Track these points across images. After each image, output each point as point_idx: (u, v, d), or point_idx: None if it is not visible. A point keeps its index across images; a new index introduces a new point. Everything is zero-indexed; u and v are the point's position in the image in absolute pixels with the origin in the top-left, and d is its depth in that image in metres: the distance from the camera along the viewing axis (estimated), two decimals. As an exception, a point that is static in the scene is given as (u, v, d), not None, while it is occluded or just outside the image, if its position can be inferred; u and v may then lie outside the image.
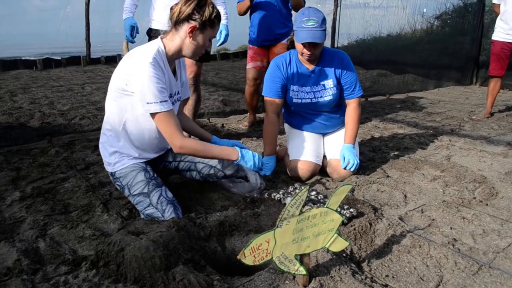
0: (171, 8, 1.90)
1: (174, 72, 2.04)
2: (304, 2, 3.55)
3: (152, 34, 3.06)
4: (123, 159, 1.97)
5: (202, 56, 2.08)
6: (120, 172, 1.96)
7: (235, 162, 2.00)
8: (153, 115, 1.81)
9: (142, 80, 1.75)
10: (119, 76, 1.86)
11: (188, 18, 1.85)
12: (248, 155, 2.01)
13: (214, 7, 1.88)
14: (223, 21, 2.97)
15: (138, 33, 3.17)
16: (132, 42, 3.14)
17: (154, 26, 3.06)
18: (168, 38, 1.92)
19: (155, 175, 1.99)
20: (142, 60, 1.78)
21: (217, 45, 3.17)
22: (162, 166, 2.22)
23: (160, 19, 3.02)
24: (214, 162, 2.14)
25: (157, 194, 1.89)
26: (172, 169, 2.24)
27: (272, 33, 3.54)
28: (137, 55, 1.84)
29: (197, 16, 1.84)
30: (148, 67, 1.76)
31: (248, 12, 3.65)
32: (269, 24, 3.51)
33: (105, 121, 1.99)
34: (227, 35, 3.12)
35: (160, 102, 1.78)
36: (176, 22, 1.88)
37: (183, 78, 2.19)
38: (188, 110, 3.20)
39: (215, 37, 1.98)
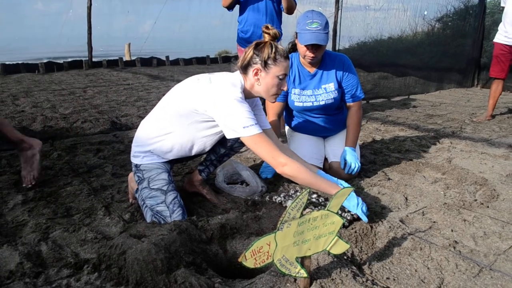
0: (245, 53, 1.94)
1: None
2: (296, 4, 3.54)
3: None
4: (153, 156, 2.02)
5: None
6: (146, 165, 2.00)
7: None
8: (250, 139, 1.81)
9: (233, 107, 1.79)
10: (196, 98, 1.87)
11: (250, 62, 1.91)
12: (353, 198, 1.86)
13: (273, 45, 1.89)
14: None
15: None
16: None
17: None
18: (243, 79, 1.97)
19: (174, 181, 2.05)
20: (231, 92, 1.83)
21: None
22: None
23: None
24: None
25: (173, 195, 1.94)
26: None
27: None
28: (223, 84, 1.87)
29: (257, 59, 1.89)
30: (237, 99, 1.81)
31: (235, 9, 3.60)
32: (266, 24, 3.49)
33: (154, 122, 2.00)
34: None
35: (256, 124, 1.81)
36: (243, 68, 1.94)
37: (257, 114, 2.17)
38: None
39: (286, 74, 1.93)
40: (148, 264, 1.37)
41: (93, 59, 9.52)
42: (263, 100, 2.80)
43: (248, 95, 2.00)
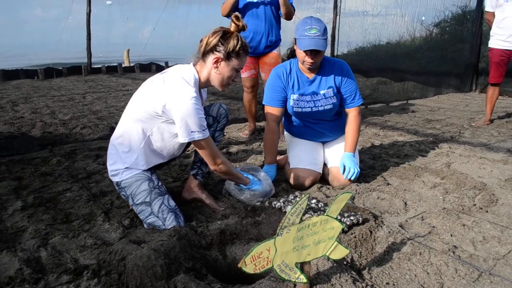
0: (201, 40, 1.97)
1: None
2: (294, 10, 3.57)
3: None
4: (131, 169, 1.99)
5: None
6: (125, 181, 1.98)
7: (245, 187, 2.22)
8: (195, 142, 1.90)
9: (187, 112, 1.81)
10: (153, 100, 1.89)
11: (213, 49, 1.92)
12: (255, 183, 2.24)
13: (239, 39, 1.93)
14: None
15: None
16: None
17: None
18: (198, 69, 1.99)
19: (159, 184, 2.02)
20: (184, 91, 1.84)
21: None
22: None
23: None
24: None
25: (158, 203, 1.91)
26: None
27: (267, 40, 3.55)
28: (176, 83, 1.87)
29: (221, 48, 1.91)
30: (192, 99, 1.82)
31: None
32: (264, 30, 3.52)
33: (119, 136, 2.00)
34: None
35: (203, 130, 1.87)
36: (203, 53, 1.95)
37: (203, 99, 2.23)
38: None
39: (242, 68, 2.01)
40: (148, 270, 1.37)
41: (92, 65, 9.56)
42: (262, 106, 2.81)
43: (203, 86, 2.04)
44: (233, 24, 1.95)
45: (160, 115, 1.89)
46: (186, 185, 2.30)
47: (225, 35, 1.92)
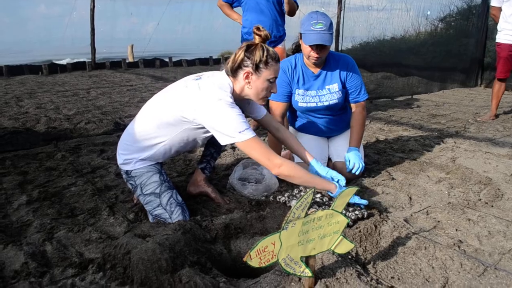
0: (235, 55, 1.91)
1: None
2: (298, 6, 3.56)
3: None
4: (144, 160, 1.98)
5: None
6: (136, 171, 1.97)
7: (333, 195, 1.98)
8: (245, 143, 1.78)
9: (225, 112, 1.75)
10: (184, 106, 1.83)
11: (241, 64, 1.86)
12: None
13: (265, 48, 1.85)
14: None
15: None
16: None
17: None
18: (232, 80, 1.93)
19: (168, 178, 2.02)
20: (221, 94, 1.79)
21: None
22: None
23: None
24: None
25: (167, 196, 1.92)
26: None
27: (272, 35, 3.54)
28: (211, 88, 1.82)
29: (248, 61, 1.84)
30: (227, 102, 1.77)
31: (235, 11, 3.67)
32: (268, 25, 3.51)
33: (140, 131, 1.95)
34: None
35: (249, 128, 1.79)
36: (232, 71, 1.89)
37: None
38: None
39: (276, 77, 1.92)
40: (153, 264, 1.38)
41: (96, 61, 9.57)
42: (266, 100, 2.80)
43: (237, 98, 1.95)
44: (256, 36, 1.88)
45: (189, 120, 1.84)
46: (192, 179, 2.30)
47: (249, 48, 1.86)
